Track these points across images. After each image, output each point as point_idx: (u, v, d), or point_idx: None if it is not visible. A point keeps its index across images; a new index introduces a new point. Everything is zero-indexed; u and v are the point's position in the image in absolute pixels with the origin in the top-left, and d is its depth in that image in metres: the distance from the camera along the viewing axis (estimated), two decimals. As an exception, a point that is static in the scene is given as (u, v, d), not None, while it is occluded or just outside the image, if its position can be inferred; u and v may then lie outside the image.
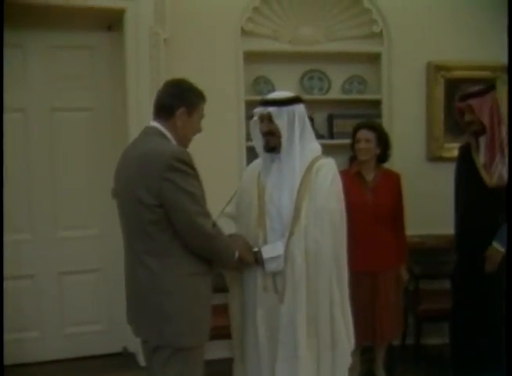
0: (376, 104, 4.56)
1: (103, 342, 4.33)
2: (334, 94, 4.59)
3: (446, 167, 3.69)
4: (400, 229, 3.75)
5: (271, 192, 2.73)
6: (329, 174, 2.69)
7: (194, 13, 4.17)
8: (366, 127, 3.66)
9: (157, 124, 2.44)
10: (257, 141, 2.84)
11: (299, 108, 2.73)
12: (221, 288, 2.82)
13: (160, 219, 2.30)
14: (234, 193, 2.96)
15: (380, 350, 3.81)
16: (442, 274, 4.00)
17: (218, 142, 4.11)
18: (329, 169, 2.71)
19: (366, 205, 3.56)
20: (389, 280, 3.66)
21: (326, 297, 2.62)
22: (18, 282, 4.12)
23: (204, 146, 2.59)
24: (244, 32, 4.33)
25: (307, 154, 2.73)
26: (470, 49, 4.45)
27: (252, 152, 4.18)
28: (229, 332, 2.87)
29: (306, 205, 2.64)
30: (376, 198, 3.61)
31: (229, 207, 2.92)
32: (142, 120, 3.85)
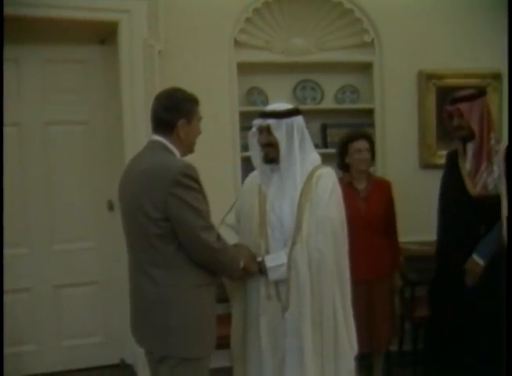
0: (368, 113, 4.60)
1: (101, 354, 4.33)
2: (327, 104, 4.62)
3: (439, 174, 3.69)
4: (393, 236, 3.77)
5: (272, 201, 2.75)
6: (329, 183, 2.72)
7: (188, 25, 4.20)
8: (364, 137, 3.68)
9: (160, 137, 2.45)
10: (254, 152, 2.85)
11: (298, 120, 2.76)
12: (223, 298, 2.84)
13: (166, 233, 2.33)
14: (234, 203, 2.98)
15: (378, 356, 3.83)
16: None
17: (213, 152, 4.11)
18: (328, 178, 2.73)
19: (359, 214, 3.56)
20: (384, 287, 3.69)
21: (330, 304, 2.64)
22: (15, 295, 4.10)
23: (199, 157, 2.60)
24: (237, 43, 4.36)
25: (307, 164, 2.75)
26: (460, 57, 4.50)
27: (247, 162, 4.19)
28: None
29: (307, 215, 2.66)
30: (368, 207, 3.63)
31: (229, 216, 2.94)
32: (138, 132, 3.90)
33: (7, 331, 3.64)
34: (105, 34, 4.14)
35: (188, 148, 2.53)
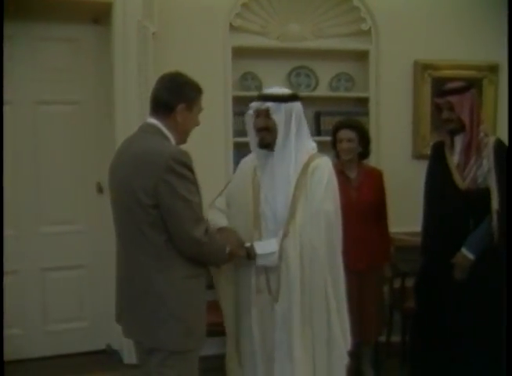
0: (363, 102, 4.57)
1: (87, 339, 4.27)
2: (322, 91, 4.58)
3: (431, 165, 3.70)
4: (384, 226, 3.76)
5: (265, 191, 2.71)
6: (325, 174, 2.67)
7: (183, 8, 4.14)
8: (347, 126, 3.64)
9: (156, 121, 2.39)
10: (251, 136, 2.78)
11: (297, 106, 2.70)
12: (213, 285, 2.80)
13: (156, 221, 2.27)
14: (225, 187, 2.93)
15: (367, 347, 3.83)
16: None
17: (205, 137, 4.01)
18: (324, 169, 2.68)
19: (350, 203, 3.51)
20: (374, 278, 3.68)
21: (322, 298, 2.60)
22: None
23: (191, 142, 2.54)
24: (233, 28, 4.30)
25: (303, 153, 2.70)
26: (457, 49, 4.48)
27: (239, 147, 4.19)
28: (222, 329, 2.84)
29: (302, 207, 2.62)
30: (359, 196, 3.61)
31: (219, 200, 2.88)
32: (129, 114, 3.85)
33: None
34: (98, 14, 4.07)
35: (182, 136, 2.45)
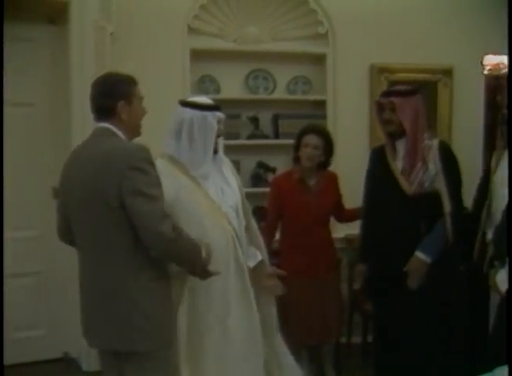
0: (321, 104, 4.59)
1: (44, 348, 4.16)
2: (279, 94, 4.59)
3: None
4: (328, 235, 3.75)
5: (219, 195, 2.72)
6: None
7: (141, 8, 4.11)
8: (315, 132, 3.60)
9: (106, 124, 2.38)
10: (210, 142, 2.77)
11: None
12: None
13: (121, 222, 2.24)
14: None
15: (328, 348, 3.83)
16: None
17: (162, 139, 4.02)
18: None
19: (309, 209, 3.56)
20: (333, 279, 3.71)
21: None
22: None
23: (147, 143, 2.51)
24: (191, 30, 4.29)
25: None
26: (412, 52, 4.53)
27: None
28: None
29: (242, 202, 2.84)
30: (319, 202, 3.61)
31: None
32: (86, 116, 3.68)
33: None
34: (54, 14, 3.99)
35: (134, 130, 2.46)
